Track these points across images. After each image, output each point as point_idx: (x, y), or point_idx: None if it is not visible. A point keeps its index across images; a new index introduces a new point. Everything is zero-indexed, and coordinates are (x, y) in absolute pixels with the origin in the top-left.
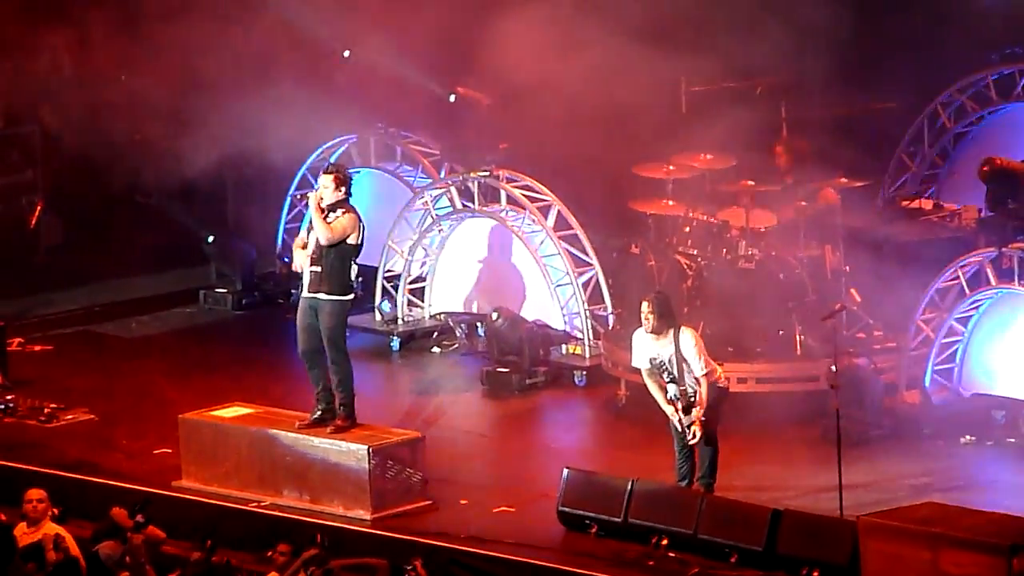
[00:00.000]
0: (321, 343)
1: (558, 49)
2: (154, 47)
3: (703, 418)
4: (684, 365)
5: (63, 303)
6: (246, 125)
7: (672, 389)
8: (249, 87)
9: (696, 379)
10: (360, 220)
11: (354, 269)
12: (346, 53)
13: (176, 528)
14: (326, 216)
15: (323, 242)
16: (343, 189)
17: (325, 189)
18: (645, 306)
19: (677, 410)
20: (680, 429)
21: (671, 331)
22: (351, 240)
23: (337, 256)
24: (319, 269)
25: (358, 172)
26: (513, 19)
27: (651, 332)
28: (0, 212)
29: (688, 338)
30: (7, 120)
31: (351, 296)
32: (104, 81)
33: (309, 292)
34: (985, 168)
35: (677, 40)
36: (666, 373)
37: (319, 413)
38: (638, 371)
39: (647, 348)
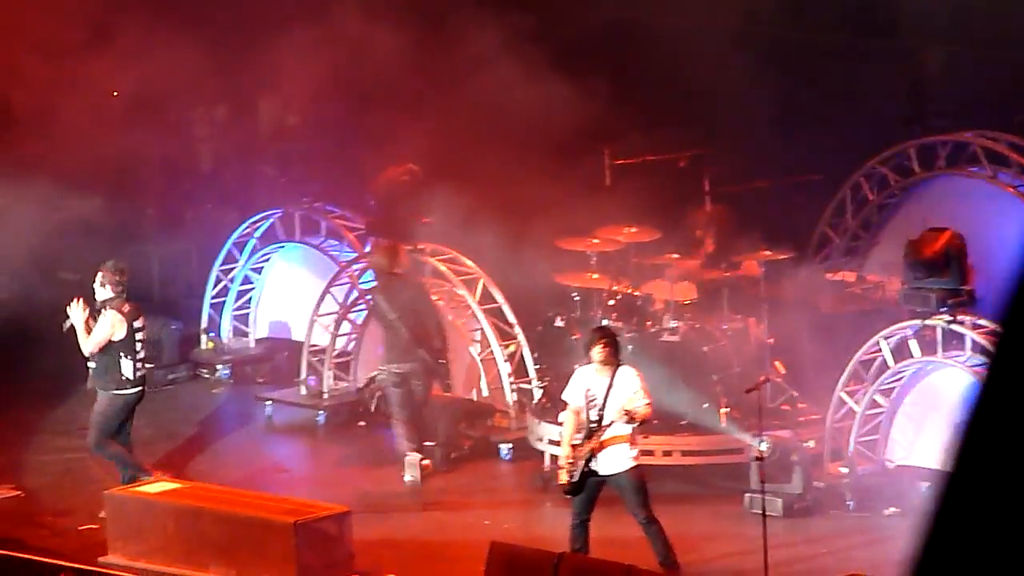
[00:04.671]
0: (117, 428)
1: (482, 123)
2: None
3: (639, 501)
4: (614, 403)
5: None
6: (171, 200)
7: (586, 431)
8: (175, 161)
9: (634, 416)
10: (121, 314)
11: (125, 364)
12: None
13: None
14: (90, 320)
15: (87, 354)
16: (110, 287)
17: (98, 287)
18: (596, 338)
19: (575, 451)
20: (568, 469)
21: (614, 367)
22: (115, 337)
23: (105, 353)
24: (93, 364)
25: (282, 246)
26: (436, 96)
27: (600, 364)
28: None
29: (632, 375)
30: None
31: (124, 391)
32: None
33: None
34: (908, 257)
35: (601, 113)
36: (594, 410)
37: None
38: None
39: (587, 380)
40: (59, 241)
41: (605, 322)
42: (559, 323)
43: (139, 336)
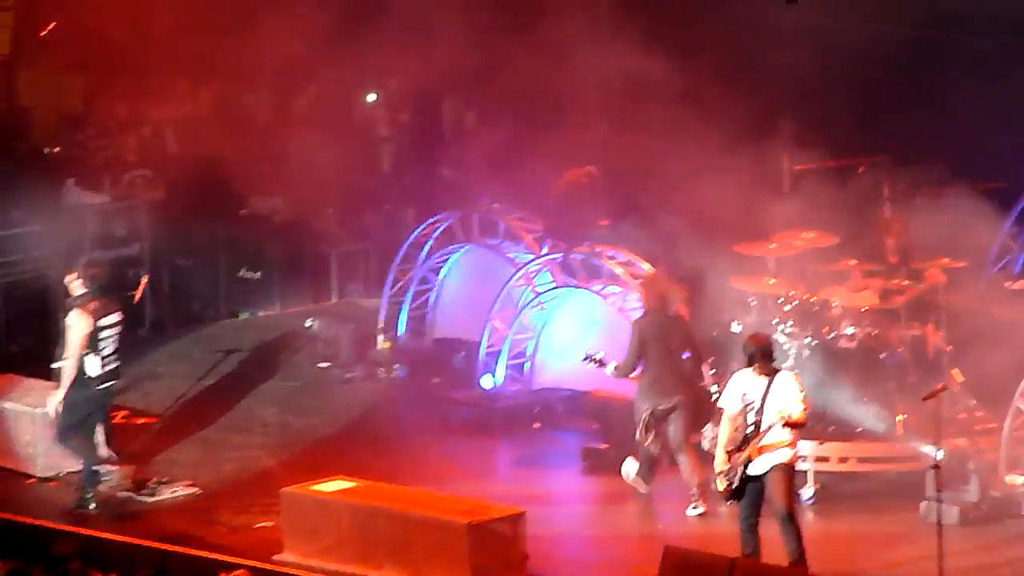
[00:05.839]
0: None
1: (661, 126)
2: (257, 124)
3: (782, 499)
4: (771, 408)
5: (169, 377)
6: (351, 200)
7: (742, 436)
8: (355, 162)
9: (789, 421)
10: (85, 312)
11: (90, 362)
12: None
13: None
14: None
15: (74, 360)
16: (82, 284)
17: (72, 285)
18: (750, 347)
19: (731, 458)
20: (727, 474)
21: (769, 374)
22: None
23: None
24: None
25: (462, 248)
26: (616, 99)
27: (755, 370)
28: (106, 286)
29: (791, 379)
30: (114, 194)
31: (87, 389)
32: (208, 157)
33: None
34: None
35: (781, 118)
36: (751, 414)
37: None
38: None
39: (743, 385)
40: (240, 240)
41: (776, 324)
42: (736, 328)
43: (105, 334)
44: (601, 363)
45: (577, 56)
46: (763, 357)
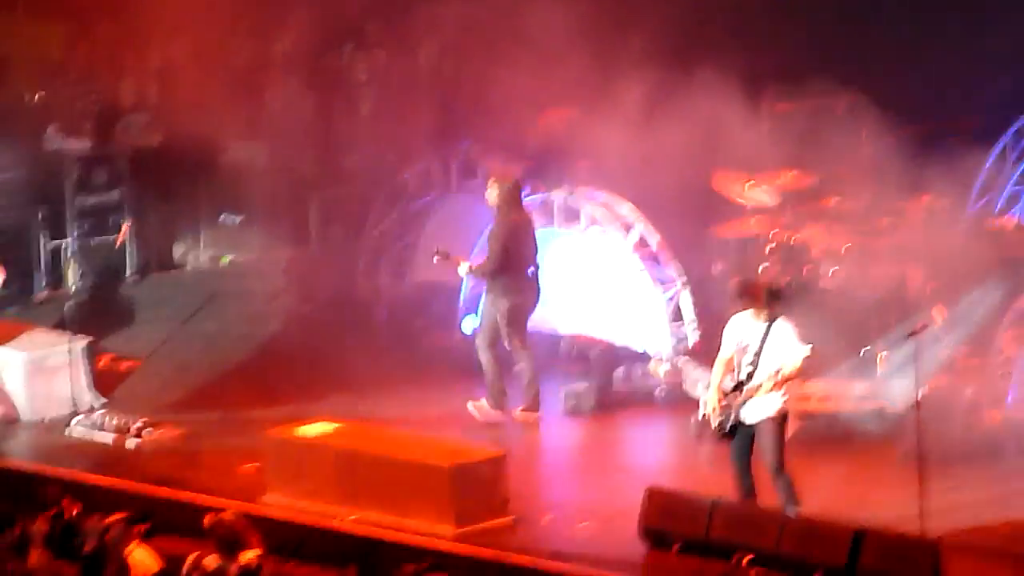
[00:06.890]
0: None
1: (640, 67)
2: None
3: (772, 452)
4: (768, 357)
5: (152, 321)
6: (330, 145)
7: (732, 381)
8: (333, 106)
9: (785, 377)
10: None
11: None
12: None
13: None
14: None
15: None
16: None
17: None
18: (742, 288)
19: (726, 398)
20: (718, 415)
21: (770, 318)
22: None
23: None
24: None
25: (440, 192)
26: (595, 39)
27: (754, 312)
28: (88, 231)
29: (788, 329)
30: (95, 140)
31: None
32: (188, 105)
33: None
34: None
35: (760, 56)
36: (747, 359)
37: None
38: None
39: (740, 329)
40: (220, 185)
41: (762, 268)
42: (716, 269)
43: None
44: (447, 257)
45: None
46: (771, 298)
